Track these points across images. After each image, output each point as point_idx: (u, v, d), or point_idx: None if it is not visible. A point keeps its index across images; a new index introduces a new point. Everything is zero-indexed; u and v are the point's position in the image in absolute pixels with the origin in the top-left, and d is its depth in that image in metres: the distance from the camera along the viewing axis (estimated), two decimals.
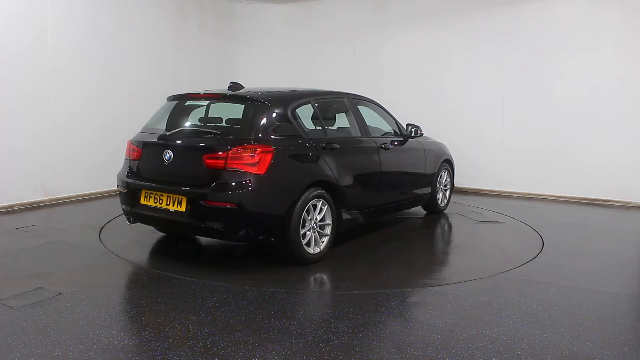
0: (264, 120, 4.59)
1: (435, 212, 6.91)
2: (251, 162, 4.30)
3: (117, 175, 5.11)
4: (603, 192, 7.84)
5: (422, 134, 6.42)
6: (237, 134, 4.57)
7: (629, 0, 7.51)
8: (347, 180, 5.09)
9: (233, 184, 4.28)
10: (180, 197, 4.47)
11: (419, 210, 7.02)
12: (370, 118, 6.15)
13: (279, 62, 10.07)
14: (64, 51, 7.20)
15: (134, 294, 4.02)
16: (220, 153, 4.34)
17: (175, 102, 5.19)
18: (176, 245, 5.49)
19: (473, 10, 8.59)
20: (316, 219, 4.73)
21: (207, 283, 4.21)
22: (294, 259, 4.63)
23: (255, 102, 4.74)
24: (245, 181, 4.27)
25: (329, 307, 3.77)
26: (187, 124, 5.04)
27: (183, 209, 4.45)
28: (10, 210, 6.65)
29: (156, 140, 4.84)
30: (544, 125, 8.17)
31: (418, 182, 6.44)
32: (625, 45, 7.55)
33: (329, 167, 4.86)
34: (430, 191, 6.64)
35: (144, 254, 5.22)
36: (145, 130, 5.13)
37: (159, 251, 5.33)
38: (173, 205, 4.52)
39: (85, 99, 7.54)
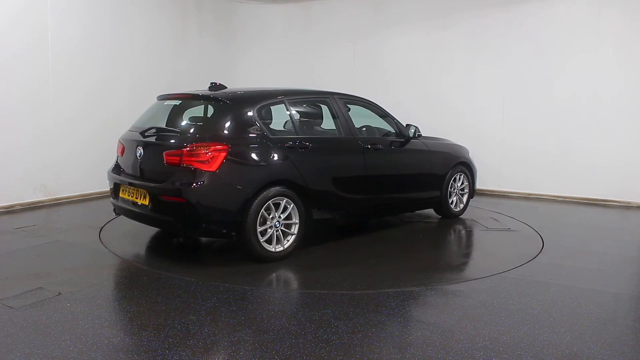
0: (224, 120, 4.79)
1: (448, 216, 6.61)
2: (204, 159, 4.44)
3: (107, 171, 5.42)
4: (603, 192, 7.83)
5: (420, 135, 6.24)
6: (196, 133, 4.79)
7: (629, 0, 7.51)
8: (319, 180, 5.07)
9: (185, 180, 4.46)
10: (144, 191, 4.73)
11: (432, 214, 6.77)
12: (370, 119, 6.13)
13: (278, 62, 10.07)
14: (64, 51, 7.20)
15: (134, 294, 4.02)
16: (176, 150, 4.55)
17: (161, 102, 5.43)
18: (176, 245, 5.49)
19: (473, 10, 8.58)
20: (279, 217, 4.76)
21: (207, 283, 4.21)
22: (252, 255, 4.68)
23: (219, 102, 4.93)
24: (197, 177, 4.44)
25: (329, 307, 3.77)
26: (165, 122, 5.17)
27: (147, 202, 4.70)
28: (10, 210, 6.65)
29: (132, 137, 5.12)
30: (544, 125, 8.17)
31: (420, 184, 6.26)
32: (625, 45, 7.55)
33: (294, 166, 4.86)
34: (438, 194, 6.40)
35: (144, 254, 5.22)
36: (132, 129, 5.32)
37: (159, 251, 5.33)
38: (140, 199, 4.79)
39: (85, 98, 7.54)
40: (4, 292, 3.92)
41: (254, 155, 4.71)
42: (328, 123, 5.73)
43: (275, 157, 4.80)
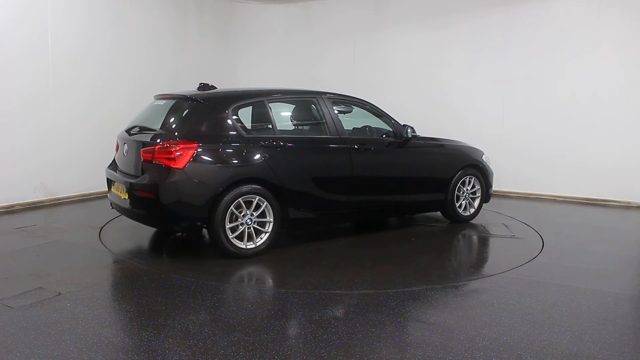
0: (197, 119, 4.97)
1: (457, 220, 6.33)
2: (172, 156, 4.63)
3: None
4: (603, 192, 7.83)
5: (414, 135, 6.01)
6: (171, 131, 4.92)
7: (629, 0, 7.51)
8: (296, 180, 5.10)
9: (155, 176, 4.68)
10: (125, 186, 4.96)
11: (441, 217, 6.47)
12: (368, 119, 6.09)
13: (278, 62, 10.06)
14: (64, 52, 7.20)
15: (134, 294, 4.02)
16: (150, 148, 4.75)
17: (154, 102, 5.62)
18: (176, 245, 5.49)
19: (473, 11, 8.58)
20: (252, 214, 4.84)
21: (207, 283, 4.21)
22: (221, 251, 4.81)
23: (195, 102, 5.09)
24: (164, 174, 4.63)
25: (329, 307, 3.77)
26: (155, 122, 5.27)
27: (127, 197, 4.93)
28: (10, 210, 6.65)
29: (122, 135, 5.39)
30: (544, 125, 8.16)
31: (419, 187, 6.06)
32: (625, 45, 7.55)
33: (269, 165, 4.92)
34: (443, 198, 6.16)
35: (144, 254, 5.22)
36: (126, 127, 5.52)
37: (159, 251, 5.34)
38: (123, 194, 5.02)
39: (85, 99, 7.54)
40: (4, 292, 3.92)
41: (223, 154, 4.82)
42: (315, 123, 5.68)
43: (248, 156, 4.90)
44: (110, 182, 5.37)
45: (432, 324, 3.52)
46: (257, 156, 4.92)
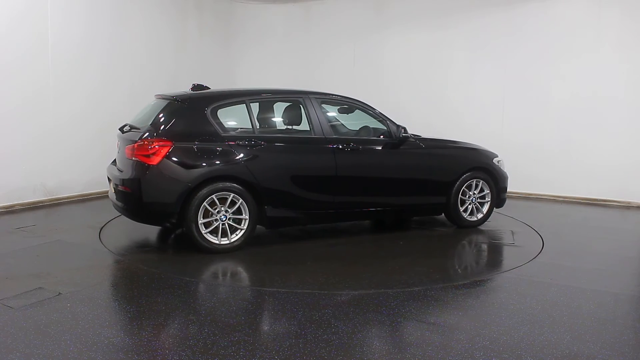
0: (175, 118, 5.11)
1: (462, 225, 6.06)
2: (148, 153, 4.85)
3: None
4: (603, 192, 7.82)
5: (406, 134, 5.75)
6: (152, 130, 5.04)
7: (629, 0, 7.51)
8: (272, 178, 5.16)
9: (133, 171, 4.93)
10: (114, 181, 5.25)
11: (448, 222, 6.23)
12: (367, 120, 6.07)
13: (278, 62, 10.06)
14: (64, 53, 7.20)
15: (134, 294, 4.02)
16: (131, 145, 4.98)
17: (152, 101, 5.75)
18: (176, 245, 5.50)
19: (473, 10, 8.58)
20: (226, 211, 4.97)
21: (207, 283, 4.21)
22: (195, 245, 4.95)
23: (175, 102, 5.25)
24: (141, 170, 4.87)
25: (329, 307, 3.77)
26: (142, 120, 5.39)
27: (114, 191, 5.25)
28: (10, 210, 6.64)
29: (117, 133, 5.62)
30: (544, 125, 8.16)
31: (414, 189, 5.84)
32: (625, 45, 7.55)
33: (244, 163, 5.04)
34: (444, 201, 5.93)
35: (144, 254, 5.22)
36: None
37: (159, 251, 5.34)
38: (114, 190, 5.29)
39: (85, 100, 7.54)
40: (4, 292, 3.93)
41: (197, 152, 4.97)
42: (299, 122, 5.67)
43: (222, 154, 5.03)
44: (109, 180, 5.55)
45: (432, 324, 3.52)
46: (232, 155, 5.04)
